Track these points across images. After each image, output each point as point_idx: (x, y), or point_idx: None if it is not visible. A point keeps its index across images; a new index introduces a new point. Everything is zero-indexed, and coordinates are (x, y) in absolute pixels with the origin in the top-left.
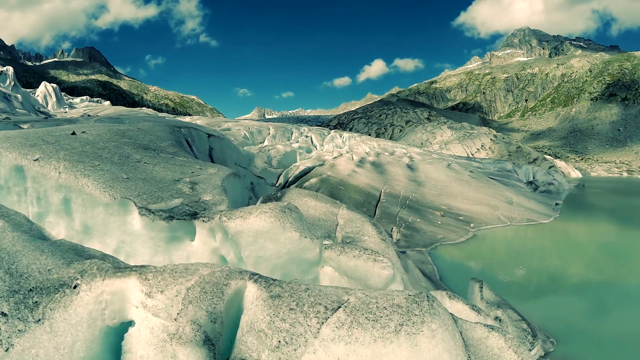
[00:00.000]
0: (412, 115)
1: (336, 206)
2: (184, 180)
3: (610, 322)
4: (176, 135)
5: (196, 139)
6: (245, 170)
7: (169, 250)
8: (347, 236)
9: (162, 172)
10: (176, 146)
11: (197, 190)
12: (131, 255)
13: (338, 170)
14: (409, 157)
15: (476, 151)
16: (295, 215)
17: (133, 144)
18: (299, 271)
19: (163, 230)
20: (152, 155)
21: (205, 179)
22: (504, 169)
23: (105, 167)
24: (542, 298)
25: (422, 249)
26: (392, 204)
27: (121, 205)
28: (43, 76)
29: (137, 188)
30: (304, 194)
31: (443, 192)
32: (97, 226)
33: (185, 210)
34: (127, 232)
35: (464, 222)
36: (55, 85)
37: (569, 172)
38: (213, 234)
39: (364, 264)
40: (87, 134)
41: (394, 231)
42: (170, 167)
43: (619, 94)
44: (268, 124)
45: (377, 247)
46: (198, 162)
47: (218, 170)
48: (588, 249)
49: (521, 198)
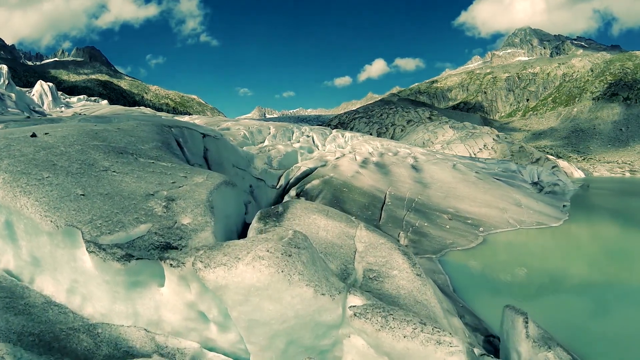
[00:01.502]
0: (413, 114)
1: (352, 225)
2: (160, 194)
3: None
4: (164, 135)
5: (189, 140)
6: (244, 172)
7: (131, 298)
8: (369, 269)
9: (132, 184)
10: (161, 149)
11: (173, 210)
12: (88, 299)
13: (341, 171)
14: (413, 157)
15: (478, 151)
16: (305, 258)
17: (105, 148)
18: (312, 337)
19: (119, 274)
20: (126, 161)
21: (188, 191)
22: (508, 169)
23: (55, 180)
24: (567, 313)
25: (432, 256)
26: (398, 207)
27: (66, 236)
28: (43, 76)
29: (92, 209)
30: (311, 209)
31: (449, 194)
32: (45, 259)
33: (153, 242)
34: (79, 270)
35: (473, 225)
36: (52, 84)
37: (572, 172)
38: (187, 284)
39: (420, 348)
40: (50, 135)
41: (401, 236)
42: (147, 176)
43: (620, 93)
44: (268, 123)
45: (412, 286)
46: (185, 168)
47: (206, 178)
48: (605, 254)
49: (529, 200)
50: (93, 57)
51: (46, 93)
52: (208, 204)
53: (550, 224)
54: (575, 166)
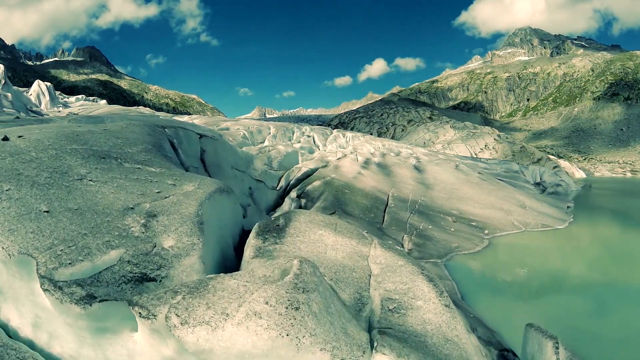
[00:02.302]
0: (414, 114)
1: (365, 242)
2: (141, 207)
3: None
4: (156, 137)
5: (184, 141)
6: (243, 174)
7: (99, 344)
8: (388, 297)
9: (110, 196)
10: (151, 151)
11: (153, 229)
12: (54, 337)
13: (342, 172)
14: (415, 157)
15: (480, 151)
16: (317, 306)
17: (85, 152)
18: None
19: (81, 318)
20: (107, 167)
21: (174, 204)
22: (510, 169)
23: (17, 193)
24: (584, 321)
25: (437, 261)
26: (401, 209)
27: (21, 266)
28: (44, 75)
29: (54, 231)
30: (317, 222)
31: (453, 196)
32: (4, 288)
33: (125, 275)
34: (39, 305)
35: (477, 228)
36: (49, 83)
37: (573, 173)
38: (163, 339)
39: None
40: (24, 139)
41: (405, 240)
42: (129, 185)
43: (621, 93)
44: (268, 123)
45: (440, 320)
46: (174, 173)
47: (198, 185)
48: (615, 258)
49: (533, 201)
50: (93, 57)
51: (43, 93)
52: (197, 219)
53: (556, 226)
54: (577, 166)
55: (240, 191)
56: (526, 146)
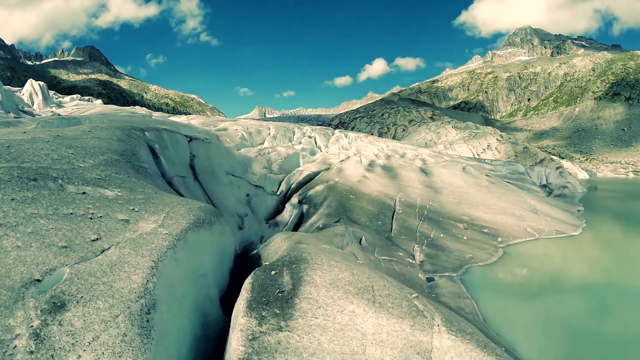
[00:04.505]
0: (415, 114)
1: (423, 323)
2: (50, 281)
3: None
4: (130, 143)
5: (169, 146)
6: (240, 180)
7: None
8: None
9: (10, 255)
10: (115, 164)
11: (52, 342)
12: None
13: (346, 175)
14: (421, 159)
15: (482, 151)
16: None
17: (6, 173)
18: None
19: None
20: (32, 196)
21: (115, 263)
22: (516, 171)
23: None
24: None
25: (453, 274)
26: (410, 216)
27: None
28: (43, 75)
29: None
30: (343, 286)
31: (462, 200)
32: None
33: None
34: None
35: (490, 235)
36: (42, 83)
37: (576, 173)
38: None
39: None
40: None
41: (416, 250)
42: (51, 229)
43: (623, 93)
44: (268, 123)
45: None
46: (137, 198)
47: (163, 219)
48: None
49: (544, 205)
50: (93, 57)
51: (36, 92)
52: (142, 303)
53: (570, 232)
54: (579, 167)
55: (236, 200)
56: (529, 146)
